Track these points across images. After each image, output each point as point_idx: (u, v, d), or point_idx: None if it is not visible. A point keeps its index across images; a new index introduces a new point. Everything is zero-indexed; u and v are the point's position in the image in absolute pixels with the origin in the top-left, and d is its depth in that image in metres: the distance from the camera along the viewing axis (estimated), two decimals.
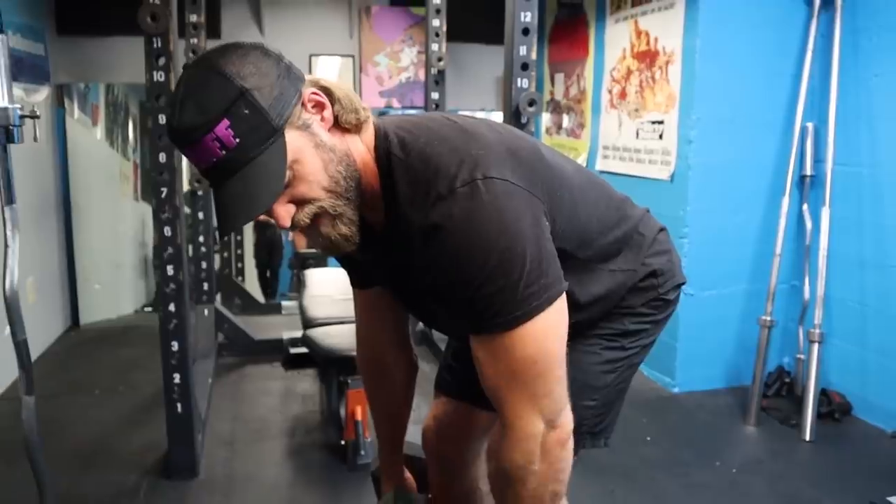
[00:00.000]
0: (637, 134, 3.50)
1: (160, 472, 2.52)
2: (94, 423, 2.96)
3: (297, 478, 2.54)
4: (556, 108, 4.48)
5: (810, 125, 3.08)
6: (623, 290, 1.28)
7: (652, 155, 3.37)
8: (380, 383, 1.45)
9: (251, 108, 0.90)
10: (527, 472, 1.05)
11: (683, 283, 1.38)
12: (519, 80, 2.53)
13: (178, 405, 2.43)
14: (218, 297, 4.12)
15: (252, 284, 5.49)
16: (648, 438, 2.86)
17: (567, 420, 1.07)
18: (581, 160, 4.11)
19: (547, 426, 1.04)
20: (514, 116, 2.54)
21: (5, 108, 1.33)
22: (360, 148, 1.04)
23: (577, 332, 1.26)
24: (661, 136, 3.29)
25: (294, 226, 0.99)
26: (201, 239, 3.78)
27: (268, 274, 5.76)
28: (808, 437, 2.84)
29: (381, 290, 1.33)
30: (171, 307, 2.37)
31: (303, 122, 0.96)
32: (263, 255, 5.76)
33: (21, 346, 1.40)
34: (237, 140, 0.91)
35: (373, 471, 1.57)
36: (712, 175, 3.13)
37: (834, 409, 3.02)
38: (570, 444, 1.08)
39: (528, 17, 2.48)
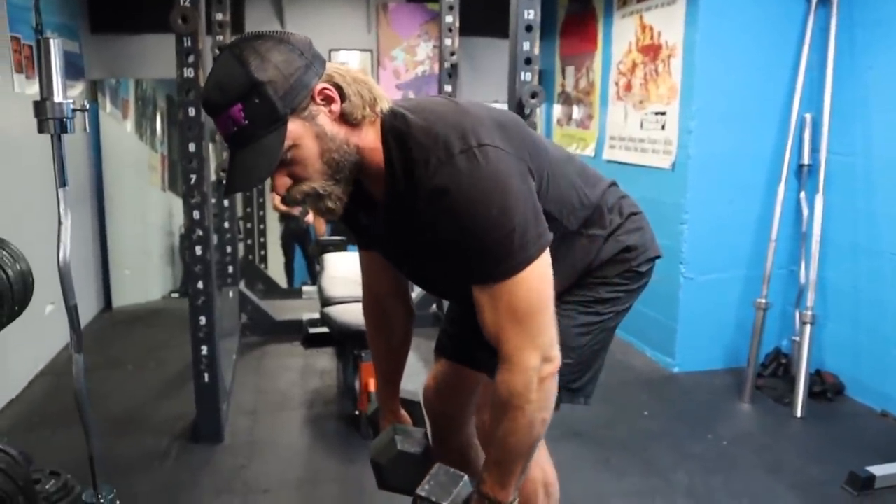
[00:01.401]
0: (641, 125, 3.64)
1: (188, 438, 2.74)
2: (128, 394, 3.19)
3: (314, 444, 2.74)
4: (567, 100, 4.63)
5: (808, 116, 3.20)
6: (591, 258, 1.44)
7: (655, 145, 3.51)
8: (380, 328, 1.61)
9: (262, 99, 1.09)
10: (525, 400, 1.19)
11: (658, 257, 1.54)
12: (522, 73, 2.69)
13: (206, 375, 2.64)
14: (242, 282, 4.35)
15: (274, 271, 5.71)
16: (646, 413, 3.02)
17: (557, 354, 1.21)
18: (590, 150, 4.26)
19: (542, 360, 1.18)
20: (517, 108, 2.70)
21: (60, 103, 1.53)
22: (370, 136, 1.21)
23: (555, 298, 1.44)
24: (663, 127, 3.44)
25: (288, 198, 1.19)
26: (226, 226, 3.99)
27: (294, 262, 6.00)
28: (799, 414, 2.98)
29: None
30: (200, 285, 2.57)
31: (309, 113, 1.14)
32: (290, 245, 5.99)
33: (72, 311, 1.59)
34: (247, 122, 1.10)
35: (369, 414, 1.69)
36: (711, 164, 3.27)
37: (827, 388, 3.15)
38: (557, 377, 1.23)
39: (531, 14, 2.64)
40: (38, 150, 2.21)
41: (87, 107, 1.59)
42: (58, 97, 1.53)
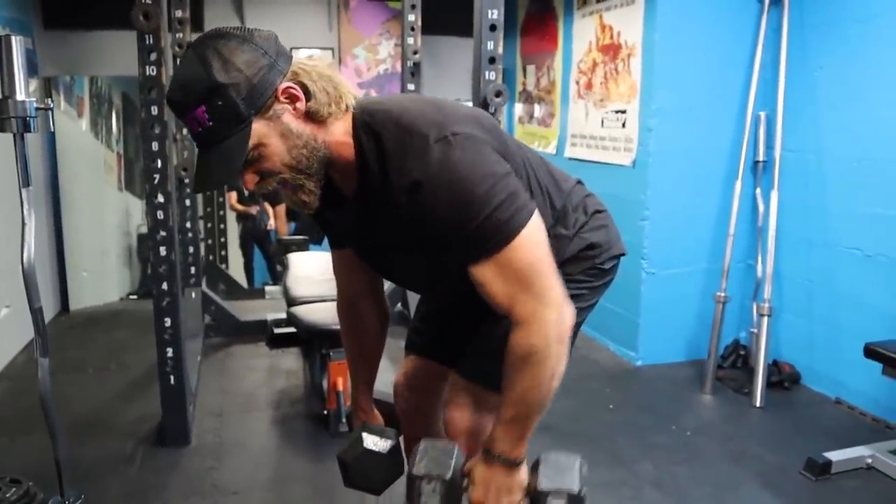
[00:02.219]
0: (602, 123, 3.70)
1: (154, 441, 2.69)
2: (89, 398, 3.12)
3: (283, 444, 2.73)
4: (528, 99, 4.68)
5: (763, 114, 3.30)
6: (558, 257, 1.46)
7: (616, 142, 3.57)
8: (354, 328, 1.62)
9: (225, 101, 1.10)
10: (546, 354, 1.19)
11: (622, 255, 1.57)
12: (487, 72, 2.72)
13: (171, 377, 2.61)
14: (203, 281, 4.29)
15: (235, 271, 5.65)
16: (611, 406, 3.08)
17: (568, 304, 1.23)
18: (551, 148, 4.32)
19: (557, 313, 1.20)
20: (482, 107, 2.73)
21: (23, 101, 1.50)
22: (338, 131, 1.22)
23: None
24: (623, 125, 3.50)
25: (260, 192, 1.22)
26: (188, 225, 3.93)
27: (253, 262, 5.96)
28: (758, 404, 3.07)
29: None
30: (164, 286, 2.54)
31: (274, 112, 1.15)
32: (249, 245, 5.94)
33: (37, 313, 1.57)
34: (211, 123, 1.11)
35: (339, 455, 1.57)
36: (671, 161, 3.34)
37: (784, 378, 3.25)
38: (571, 323, 1.23)
39: (494, 14, 2.67)
40: None
41: (52, 105, 1.56)
42: (20, 95, 1.50)
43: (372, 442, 1.53)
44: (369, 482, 1.56)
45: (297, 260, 3.72)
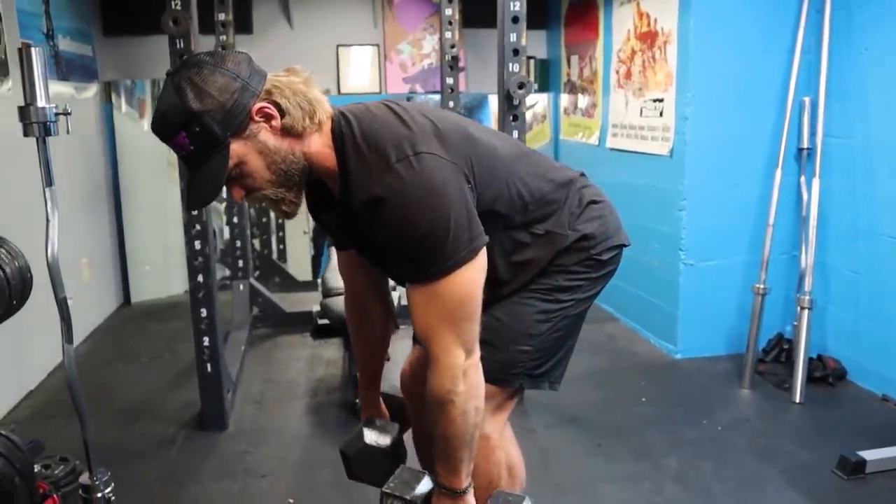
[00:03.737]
0: (641, 112, 3.64)
1: (195, 426, 2.84)
2: (140, 385, 3.31)
3: (315, 431, 2.82)
4: (573, 89, 4.64)
5: (806, 99, 3.17)
6: (552, 252, 1.48)
7: (654, 132, 3.51)
8: (361, 327, 1.68)
9: (202, 127, 1.18)
10: (454, 393, 1.28)
11: (623, 245, 1.57)
12: (510, 64, 2.74)
13: (208, 365, 2.73)
14: (257, 274, 4.47)
15: (294, 265, 5.80)
16: (644, 399, 3.05)
17: (478, 349, 1.31)
18: (594, 139, 4.27)
19: (466, 355, 1.28)
20: (506, 99, 2.74)
21: (44, 107, 1.61)
22: (317, 142, 1.29)
23: (514, 289, 1.49)
24: (661, 114, 3.44)
25: (250, 204, 1.31)
26: (235, 220, 4.09)
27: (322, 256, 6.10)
28: (797, 400, 2.97)
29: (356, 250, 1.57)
30: (200, 278, 2.66)
31: (250, 132, 1.22)
32: (321, 238, 6.10)
33: (62, 303, 1.68)
34: (192, 147, 1.20)
35: (342, 448, 1.67)
36: (708, 150, 3.26)
37: (829, 373, 3.14)
38: (481, 367, 1.33)
39: (517, 6, 2.69)
40: (50, 152, 2.30)
41: (69, 110, 1.67)
42: (41, 102, 1.62)
43: (372, 437, 1.61)
44: (370, 476, 1.64)
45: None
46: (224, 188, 1.29)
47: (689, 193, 3.31)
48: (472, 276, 1.27)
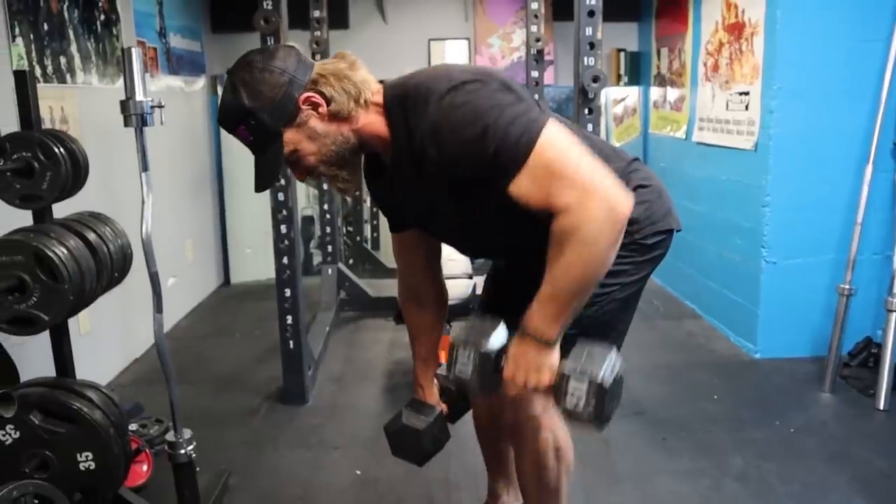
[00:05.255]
0: (727, 105, 3.56)
1: (277, 398, 3.05)
2: (232, 358, 3.57)
3: (388, 410, 2.95)
4: (662, 82, 4.57)
5: None
6: None
7: (739, 126, 3.43)
8: (413, 309, 1.76)
9: (256, 121, 1.33)
10: (588, 231, 1.20)
11: (671, 230, 1.57)
12: (586, 58, 2.75)
13: (291, 342, 2.93)
14: (350, 261, 4.69)
15: (386, 253, 5.99)
16: (715, 397, 3.00)
17: (619, 189, 1.23)
18: (681, 133, 4.20)
19: (603, 195, 1.21)
20: (581, 92, 2.77)
21: (141, 101, 1.81)
22: (368, 118, 1.38)
23: None
24: (746, 107, 3.35)
25: (309, 184, 1.45)
26: (326, 207, 4.29)
27: None
28: (881, 406, 2.85)
29: (412, 233, 1.63)
30: (285, 260, 2.86)
31: (300, 120, 1.35)
32: None
33: (154, 277, 1.89)
34: (251, 138, 1.36)
35: (384, 426, 1.73)
36: (794, 144, 3.15)
37: None
38: (627, 207, 1.23)
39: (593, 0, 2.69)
40: (160, 141, 2.50)
41: (164, 104, 1.86)
42: (139, 96, 1.82)
43: (410, 418, 1.66)
44: (407, 455, 1.71)
45: None
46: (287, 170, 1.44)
47: (774, 189, 3.22)
48: (556, 134, 1.26)
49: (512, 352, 1.34)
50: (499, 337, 1.33)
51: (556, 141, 1.25)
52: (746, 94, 3.35)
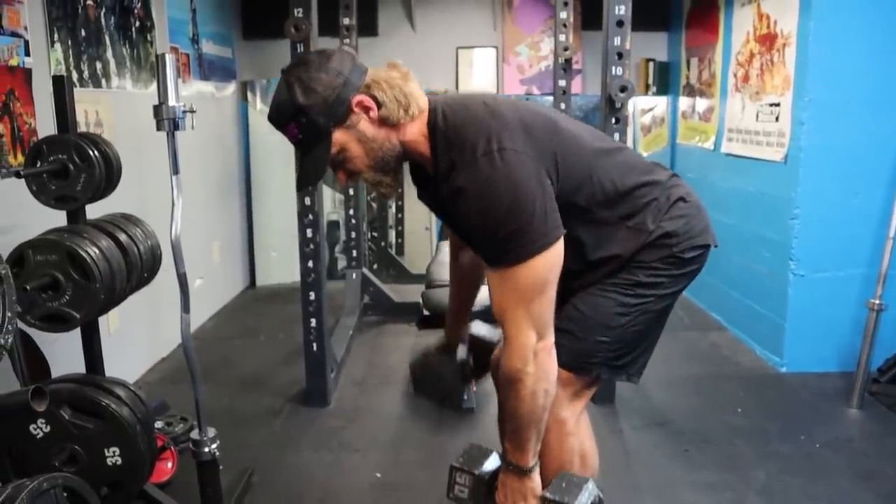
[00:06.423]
0: (757, 116, 3.53)
1: (299, 400, 3.07)
2: (256, 360, 3.61)
3: (409, 413, 2.98)
4: (691, 92, 4.54)
5: None
6: (634, 248, 1.52)
7: (769, 137, 3.40)
8: (456, 274, 1.84)
9: (308, 119, 1.36)
10: (524, 373, 1.37)
11: (708, 245, 1.58)
12: (614, 68, 2.75)
13: (314, 345, 2.95)
14: (374, 266, 4.71)
15: (414, 258, 6.01)
16: (739, 410, 2.97)
17: (551, 334, 1.39)
18: (710, 143, 4.17)
19: (538, 337, 1.36)
20: (608, 102, 2.77)
21: (173, 106, 1.85)
22: (413, 130, 1.43)
23: (595, 280, 1.55)
24: (776, 119, 3.32)
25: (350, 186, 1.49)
26: (351, 212, 4.33)
27: None
28: None
29: None
30: (310, 264, 2.89)
31: (350, 122, 1.39)
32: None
33: (182, 277, 1.92)
34: (301, 136, 1.39)
35: (409, 362, 1.96)
36: (825, 157, 3.12)
37: None
38: (554, 352, 1.40)
39: (622, 9, 2.70)
40: (190, 145, 2.55)
41: (195, 109, 1.90)
42: (171, 101, 1.86)
43: (435, 356, 1.85)
44: (429, 392, 1.90)
45: (445, 248, 3.97)
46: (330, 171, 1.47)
47: (803, 202, 3.18)
48: (548, 263, 1.35)
49: (501, 479, 1.50)
50: (491, 463, 1.54)
51: (546, 269, 1.35)
52: (777, 105, 3.32)
